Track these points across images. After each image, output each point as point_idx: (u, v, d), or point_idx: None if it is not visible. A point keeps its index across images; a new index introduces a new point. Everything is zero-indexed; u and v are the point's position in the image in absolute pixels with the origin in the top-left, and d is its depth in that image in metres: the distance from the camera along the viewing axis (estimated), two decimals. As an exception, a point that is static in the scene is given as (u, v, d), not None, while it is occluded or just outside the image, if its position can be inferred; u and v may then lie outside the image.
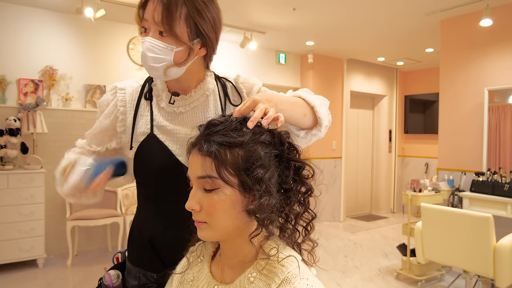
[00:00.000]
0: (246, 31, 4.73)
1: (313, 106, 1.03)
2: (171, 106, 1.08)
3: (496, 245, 2.64)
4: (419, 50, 5.62)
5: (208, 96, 1.11)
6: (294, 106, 0.97)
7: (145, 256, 1.08)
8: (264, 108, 0.79)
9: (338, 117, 6.23)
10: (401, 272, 3.72)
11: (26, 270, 3.73)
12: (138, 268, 1.09)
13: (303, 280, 0.69)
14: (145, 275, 1.08)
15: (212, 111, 1.11)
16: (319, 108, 1.04)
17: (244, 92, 1.15)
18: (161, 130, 1.06)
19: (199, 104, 1.10)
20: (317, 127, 1.08)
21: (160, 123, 1.06)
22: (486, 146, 3.83)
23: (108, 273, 1.09)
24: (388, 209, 7.09)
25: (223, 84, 1.16)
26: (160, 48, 0.96)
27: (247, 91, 1.16)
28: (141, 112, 1.09)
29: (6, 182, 3.61)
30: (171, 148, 1.05)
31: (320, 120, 1.06)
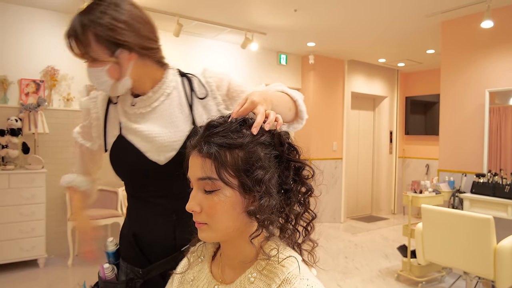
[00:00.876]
0: (247, 32, 4.73)
1: (295, 100, 1.07)
2: (133, 108, 1.12)
3: (496, 247, 2.64)
4: (420, 52, 5.62)
5: (169, 94, 1.13)
6: (282, 101, 1.01)
7: (131, 252, 1.13)
8: (264, 111, 0.80)
9: (339, 118, 6.23)
10: (402, 273, 3.72)
11: (27, 270, 3.74)
12: (126, 263, 1.14)
13: (303, 280, 0.69)
14: (132, 270, 1.12)
15: (177, 108, 1.12)
16: (300, 102, 1.09)
17: (213, 85, 1.14)
18: (128, 131, 1.11)
19: (161, 103, 1.12)
20: (298, 120, 1.12)
21: (126, 124, 1.11)
22: (487, 148, 3.83)
23: (102, 265, 1.13)
24: (388, 210, 7.09)
25: (189, 79, 1.16)
26: (95, 74, 1.04)
27: (217, 84, 1.15)
28: (111, 116, 1.16)
29: (7, 182, 3.62)
30: (139, 146, 1.09)
31: (302, 113, 1.10)
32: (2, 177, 3.60)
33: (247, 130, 0.75)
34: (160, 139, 1.08)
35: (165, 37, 4.72)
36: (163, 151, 1.08)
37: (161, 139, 1.08)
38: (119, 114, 1.14)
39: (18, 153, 3.85)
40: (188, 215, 1.07)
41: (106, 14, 0.99)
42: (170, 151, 1.07)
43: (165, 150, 1.08)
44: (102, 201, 4.28)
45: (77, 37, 0.99)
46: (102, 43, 0.99)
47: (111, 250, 1.17)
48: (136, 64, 1.06)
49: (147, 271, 1.10)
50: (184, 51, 4.95)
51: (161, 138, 1.08)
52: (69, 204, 4.05)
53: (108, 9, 0.99)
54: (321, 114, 5.99)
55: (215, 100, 1.14)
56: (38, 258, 3.80)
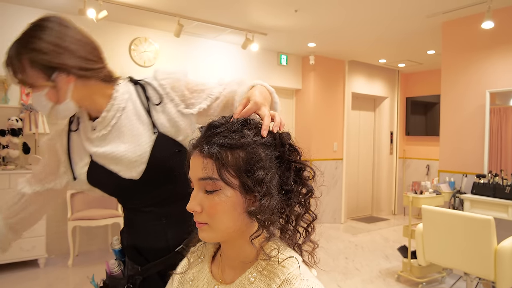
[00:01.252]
0: (247, 33, 4.74)
1: (271, 93, 1.07)
2: (94, 132, 1.11)
3: (497, 248, 2.64)
4: (420, 52, 5.62)
5: (124, 108, 1.11)
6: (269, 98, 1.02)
7: (129, 251, 1.18)
8: (269, 113, 0.81)
9: (340, 118, 6.23)
10: (402, 274, 3.72)
11: (27, 270, 3.74)
12: (129, 260, 1.18)
13: (304, 281, 0.69)
14: (133, 267, 1.15)
15: (135, 120, 1.11)
16: (275, 94, 1.09)
17: (168, 88, 1.12)
18: (97, 156, 1.10)
19: (118, 119, 1.10)
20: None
21: (93, 150, 1.10)
22: (488, 148, 3.83)
23: (106, 261, 1.18)
24: (389, 211, 7.09)
25: (143, 87, 1.13)
26: (36, 99, 1.03)
27: (171, 85, 1.12)
28: (74, 145, 1.15)
29: (8, 182, 3.62)
30: (111, 168, 1.09)
31: (276, 105, 1.11)
32: (2, 177, 3.60)
33: (248, 130, 0.75)
34: (126, 158, 1.08)
35: (166, 37, 4.74)
36: (133, 167, 1.08)
37: (127, 157, 1.08)
38: (83, 142, 1.13)
39: (18, 153, 3.85)
40: (177, 217, 1.13)
41: (39, 39, 0.97)
42: (140, 165, 1.08)
43: (135, 165, 1.08)
44: (102, 202, 4.28)
45: (12, 65, 0.99)
46: (37, 68, 0.98)
47: (117, 248, 1.21)
48: (76, 86, 1.03)
49: (145, 269, 1.13)
50: (184, 52, 4.95)
51: (127, 156, 1.08)
52: (69, 204, 4.06)
53: (42, 34, 0.98)
54: (321, 114, 5.99)
55: (172, 102, 1.11)
56: (38, 258, 3.81)
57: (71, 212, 4.01)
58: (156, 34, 4.72)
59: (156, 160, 1.08)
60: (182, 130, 1.11)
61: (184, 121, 1.11)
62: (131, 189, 1.11)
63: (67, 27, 1.02)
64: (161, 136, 1.09)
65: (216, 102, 1.12)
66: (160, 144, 1.08)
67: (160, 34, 4.75)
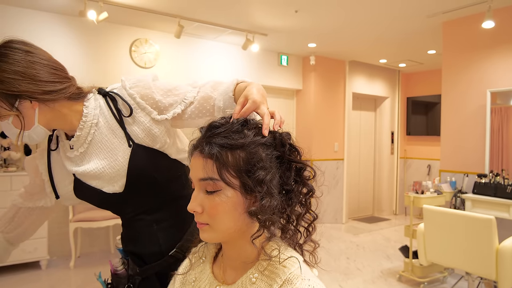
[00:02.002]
0: (248, 33, 4.74)
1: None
2: (72, 151, 1.10)
3: (498, 247, 2.64)
4: (421, 52, 5.62)
5: (97, 123, 1.09)
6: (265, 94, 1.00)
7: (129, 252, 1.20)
8: (269, 112, 0.81)
9: (340, 118, 6.23)
10: (404, 274, 3.71)
11: (29, 271, 3.74)
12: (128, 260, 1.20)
13: (305, 281, 0.69)
14: (133, 267, 1.18)
15: (109, 134, 1.09)
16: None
17: (137, 97, 1.07)
18: (79, 174, 1.10)
19: (92, 136, 1.09)
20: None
21: (72, 169, 1.10)
22: (489, 148, 3.83)
23: (110, 261, 1.21)
24: (390, 211, 7.08)
25: (113, 99, 1.10)
26: (5, 128, 1.02)
27: (140, 94, 1.08)
28: (55, 164, 1.15)
29: (9, 184, 3.62)
30: (94, 185, 1.10)
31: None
32: (4, 179, 3.61)
33: (248, 130, 0.75)
34: (105, 174, 1.08)
35: (166, 38, 4.75)
36: (114, 181, 1.09)
37: (106, 173, 1.08)
38: (63, 161, 1.12)
39: (20, 155, 3.86)
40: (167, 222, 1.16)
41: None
42: (121, 179, 1.08)
43: (115, 180, 1.08)
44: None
45: None
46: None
47: (120, 247, 1.24)
48: (42, 109, 1.01)
49: (143, 270, 1.16)
50: (185, 53, 4.96)
51: (106, 172, 1.08)
52: (70, 206, 4.06)
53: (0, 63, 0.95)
54: (322, 115, 5.99)
55: (144, 110, 1.07)
56: (40, 260, 3.81)
57: (72, 214, 4.01)
58: (156, 35, 4.73)
59: (135, 172, 1.07)
60: (158, 138, 1.08)
61: (159, 128, 1.08)
62: (117, 202, 1.12)
63: (27, 52, 0.99)
64: (137, 147, 1.07)
65: (190, 107, 1.08)
66: (137, 156, 1.07)
67: (160, 35, 4.75)
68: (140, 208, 1.15)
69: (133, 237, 1.18)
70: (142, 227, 1.15)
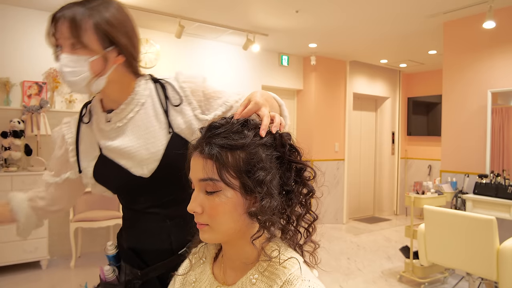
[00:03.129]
0: (248, 33, 4.74)
1: (280, 105, 1.07)
2: (109, 124, 1.10)
3: (499, 248, 2.63)
4: (422, 52, 5.62)
5: (144, 104, 1.11)
6: (275, 104, 1.02)
7: (128, 255, 1.15)
8: (269, 114, 0.81)
9: (341, 119, 6.23)
10: (404, 274, 3.71)
11: (29, 271, 3.74)
12: (125, 264, 1.15)
13: (305, 281, 0.69)
14: (131, 271, 1.13)
15: (153, 117, 1.10)
16: (284, 107, 1.09)
17: (188, 91, 1.12)
18: (108, 150, 1.09)
19: (136, 114, 1.10)
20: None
21: (105, 143, 1.09)
22: (490, 148, 3.82)
23: (101, 267, 1.14)
24: (391, 211, 7.08)
25: (163, 86, 1.14)
26: (74, 61, 0.98)
27: (191, 89, 1.12)
28: (84, 137, 1.14)
29: (10, 183, 3.63)
30: (122, 163, 1.08)
31: (286, 119, 1.10)
32: (5, 179, 3.61)
33: (248, 131, 0.75)
34: (139, 153, 1.07)
35: (167, 38, 4.75)
36: (145, 164, 1.07)
37: (141, 153, 1.07)
38: (95, 134, 1.12)
39: (20, 155, 3.86)
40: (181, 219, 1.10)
41: (110, 11, 1.00)
42: (152, 163, 1.07)
43: (147, 162, 1.07)
44: (104, 203, 4.29)
45: (73, 20, 0.96)
46: (98, 35, 0.98)
47: (111, 253, 1.18)
48: (117, 68, 1.04)
49: (145, 273, 1.11)
50: (185, 53, 4.96)
51: (140, 152, 1.07)
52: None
53: (112, 8, 1.01)
54: (323, 115, 5.99)
55: (190, 105, 1.11)
56: (40, 260, 3.81)
57: (73, 214, 4.02)
58: (157, 35, 4.73)
59: (168, 160, 1.07)
60: (196, 133, 1.10)
61: (198, 126, 1.11)
62: (139, 187, 1.09)
63: (127, 15, 1.06)
64: (175, 136, 1.09)
65: (231, 111, 1.12)
66: (174, 144, 1.08)
67: (161, 35, 4.76)
68: (157, 199, 1.11)
69: (141, 232, 1.13)
70: (154, 221, 1.11)
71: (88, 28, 0.97)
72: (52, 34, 1.00)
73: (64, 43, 0.98)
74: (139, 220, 1.14)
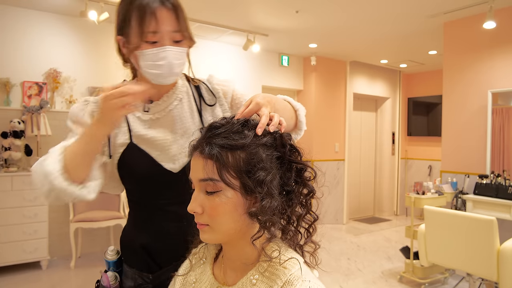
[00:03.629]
0: (249, 34, 4.74)
1: (296, 110, 1.09)
2: (147, 113, 1.09)
3: (500, 248, 2.63)
4: (422, 53, 5.62)
5: (182, 99, 1.12)
6: (286, 109, 1.03)
7: (139, 260, 1.09)
8: (269, 113, 0.80)
9: (341, 119, 6.23)
10: (404, 275, 3.71)
11: (29, 271, 3.74)
12: (133, 269, 1.10)
13: (305, 282, 0.69)
14: (141, 276, 1.09)
15: (188, 114, 1.11)
16: (301, 112, 1.11)
17: (220, 93, 1.15)
18: (140, 139, 1.06)
19: (174, 107, 1.10)
20: (297, 131, 1.14)
21: (138, 132, 1.07)
22: (490, 149, 3.82)
23: (105, 274, 1.10)
24: (391, 211, 7.07)
25: (197, 85, 1.16)
26: (182, 54, 1.02)
27: (223, 91, 1.16)
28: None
29: (10, 184, 3.63)
30: (153, 156, 1.06)
31: (301, 124, 1.12)
32: (5, 179, 3.61)
33: (249, 131, 0.75)
34: (173, 148, 1.06)
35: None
36: (177, 159, 1.06)
37: (174, 147, 1.07)
38: (129, 121, 1.08)
39: (20, 155, 3.86)
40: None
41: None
42: (184, 158, 1.06)
43: (179, 157, 1.07)
44: (104, 203, 4.29)
45: (180, 10, 0.99)
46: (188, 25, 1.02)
47: (112, 259, 1.14)
48: None
49: (157, 276, 1.07)
50: (186, 53, 4.95)
51: (173, 146, 1.07)
52: (71, 206, 4.06)
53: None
54: (323, 115, 5.99)
55: (222, 107, 1.14)
56: (40, 260, 3.81)
57: (73, 214, 4.01)
58: (157, 36, 4.72)
59: None
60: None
61: None
62: (165, 181, 1.06)
63: None
64: None
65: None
66: None
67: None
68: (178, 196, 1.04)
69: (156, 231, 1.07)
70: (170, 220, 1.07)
71: (186, 18, 1.00)
72: (150, 29, 0.96)
73: (167, 36, 0.98)
74: (154, 218, 1.09)
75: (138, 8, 0.97)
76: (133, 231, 1.13)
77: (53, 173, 0.91)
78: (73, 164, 0.93)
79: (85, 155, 0.95)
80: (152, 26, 0.96)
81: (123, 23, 1.02)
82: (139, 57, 1.01)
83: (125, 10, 1.01)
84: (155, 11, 0.96)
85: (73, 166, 0.93)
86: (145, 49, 0.98)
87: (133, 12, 0.98)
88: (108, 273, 1.10)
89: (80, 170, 0.95)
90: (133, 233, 1.13)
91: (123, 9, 1.02)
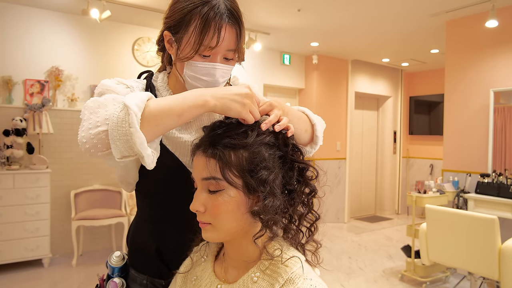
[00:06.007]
0: (250, 32, 4.73)
1: (313, 124, 1.06)
2: None
3: (501, 247, 2.63)
4: (424, 51, 5.60)
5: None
6: (300, 120, 1.00)
7: (151, 265, 1.03)
8: (279, 114, 0.81)
9: (343, 118, 6.22)
10: (406, 273, 3.71)
11: (31, 269, 3.75)
12: (144, 276, 1.04)
13: (307, 280, 0.69)
14: (153, 282, 1.03)
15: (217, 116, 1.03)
16: (318, 127, 1.07)
17: None
18: (171, 140, 0.98)
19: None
20: (312, 145, 1.10)
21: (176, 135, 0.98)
22: (492, 148, 3.81)
23: (114, 281, 1.04)
24: (392, 210, 7.07)
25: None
26: (229, 72, 0.97)
27: None
28: None
29: (12, 182, 3.64)
30: (184, 161, 0.98)
31: (317, 139, 1.08)
32: (7, 177, 3.62)
33: (252, 131, 0.75)
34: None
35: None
36: None
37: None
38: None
39: (22, 153, 3.87)
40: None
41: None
42: None
43: None
44: (106, 201, 4.30)
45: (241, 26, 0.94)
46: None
47: (118, 265, 1.07)
48: None
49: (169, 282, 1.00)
50: (187, 51, 4.95)
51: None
52: (73, 204, 4.07)
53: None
54: (324, 114, 5.97)
55: None
56: (42, 258, 3.82)
57: (75, 212, 4.03)
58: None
59: None
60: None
61: None
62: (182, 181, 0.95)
63: None
64: None
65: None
66: None
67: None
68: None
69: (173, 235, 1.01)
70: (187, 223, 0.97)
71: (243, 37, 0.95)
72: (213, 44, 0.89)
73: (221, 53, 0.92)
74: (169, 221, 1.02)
75: (203, 18, 0.87)
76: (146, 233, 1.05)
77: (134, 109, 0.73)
78: (151, 118, 0.76)
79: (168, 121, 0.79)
80: (213, 42, 0.88)
81: (179, 23, 0.91)
82: (186, 65, 0.93)
83: (186, 10, 0.89)
84: (221, 28, 0.88)
85: (150, 120, 0.76)
86: (196, 61, 0.91)
87: (196, 19, 0.88)
88: (116, 279, 1.05)
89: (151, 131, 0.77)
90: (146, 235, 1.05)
91: (185, 9, 0.90)
